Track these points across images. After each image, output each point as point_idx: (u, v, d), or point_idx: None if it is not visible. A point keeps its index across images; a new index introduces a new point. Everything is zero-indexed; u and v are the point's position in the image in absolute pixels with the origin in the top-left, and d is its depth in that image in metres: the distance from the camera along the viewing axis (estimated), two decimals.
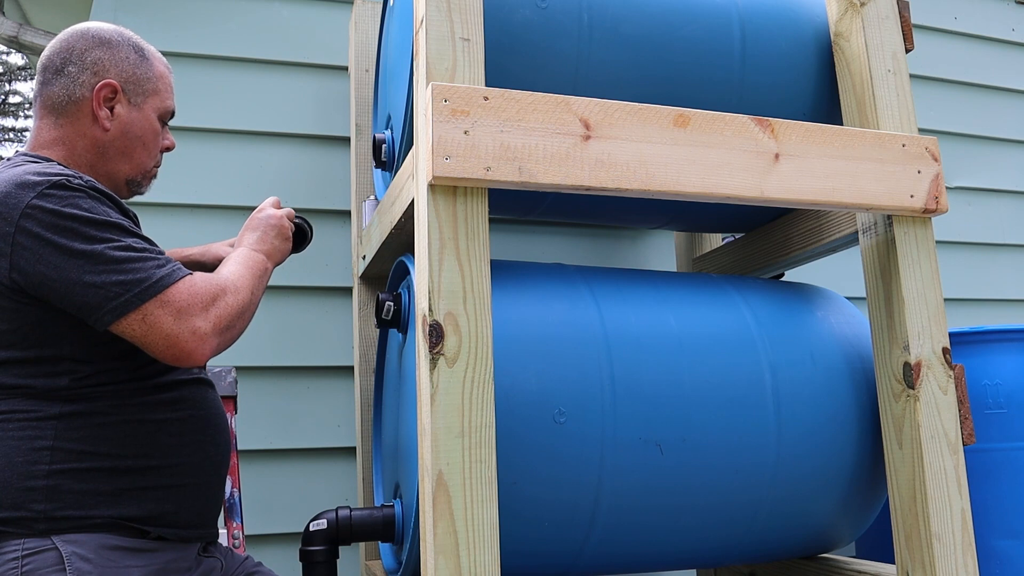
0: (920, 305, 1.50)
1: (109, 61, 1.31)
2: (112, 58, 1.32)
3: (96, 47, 1.31)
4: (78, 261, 1.13)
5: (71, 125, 1.30)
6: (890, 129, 1.58)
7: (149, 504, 1.20)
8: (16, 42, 2.78)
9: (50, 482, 1.14)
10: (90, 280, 1.12)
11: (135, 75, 1.34)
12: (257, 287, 1.31)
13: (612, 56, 1.57)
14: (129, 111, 1.33)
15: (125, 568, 1.15)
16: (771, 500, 1.52)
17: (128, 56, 1.34)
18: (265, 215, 1.46)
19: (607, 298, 1.52)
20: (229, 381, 1.77)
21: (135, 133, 1.34)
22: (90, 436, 1.17)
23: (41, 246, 1.13)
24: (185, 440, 1.27)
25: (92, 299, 1.13)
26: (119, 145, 1.33)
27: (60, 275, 1.12)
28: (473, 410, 1.21)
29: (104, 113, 1.30)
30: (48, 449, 1.15)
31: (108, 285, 1.13)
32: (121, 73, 1.32)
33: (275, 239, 1.44)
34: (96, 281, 1.12)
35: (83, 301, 1.13)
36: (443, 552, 1.15)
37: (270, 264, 1.40)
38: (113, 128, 1.31)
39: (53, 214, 1.13)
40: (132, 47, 1.35)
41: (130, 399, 1.21)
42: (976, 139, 3.08)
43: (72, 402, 1.17)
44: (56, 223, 1.13)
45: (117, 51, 1.33)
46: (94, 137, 1.31)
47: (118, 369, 1.21)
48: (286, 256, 1.47)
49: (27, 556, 1.10)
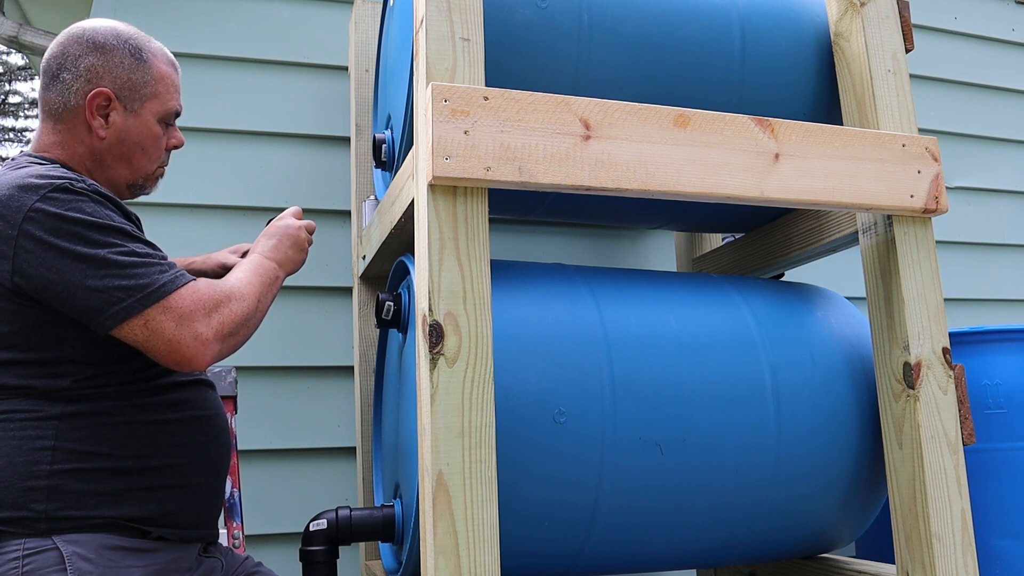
0: (920, 305, 1.50)
1: (103, 68, 1.29)
2: (106, 64, 1.29)
3: (90, 53, 1.28)
4: (80, 265, 1.12)
5: (68, 131, 1.29)
6: (890, 129, 1.58)
7: (150, 505, 1.20)
8: (16, 42, 2.78)
9: (51, 482, 1.14)
10: (92, 284, 1.12)
11: (131, 80, 1.31)
12: (265, 295, 1.31)
13: (612, 56, 1.57)
14: (125, 118, 1.31)
15: (126, 568, 1.15)
16: (771, 500, 1.52)
17: (123, 61, 1.30)
18: (284, 224, 1.46)
19: (607, 298, 1.52)
20: (229, 381, 1.77)
21: (132, 140, 1.32)
22: (91, 436, 1.17)
23: (44, 250, 1.12)
24: (186, 441, 1.27)
25: (94, 303, 1.12)
26: (116, 152, 1.32)
27: (62, 279, 1.12)
28: (473, 410, 1.21)
29: (98, 122, 1.29)
30: (49, 449, 1.15)
31: (110, 290, 1.12)
32: (115, 80, 1.29)
33: (290, 249, 1.43)
34: (98, 285, 1.12)
35: (85, 305, 1.13)
36: (443, 552, 1.15)
37: (281, 273, 1.40)
38: (109, 136, 1.30)
39: (56, 218, 1.13)
40: (129, 50, 1.31)
41: (131, 400, 1.21)
42: (976, 139, 3.08)
43: (74, 402, 1.17)
44: (59, 227, 1.13)
45: (112, 56, 1.30)
46: (90, 144, 1.30)
47: (119, 371, 1.21)
48: (299, 267, 1.46)
49: (28, 556, 1.10)
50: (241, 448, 1.96)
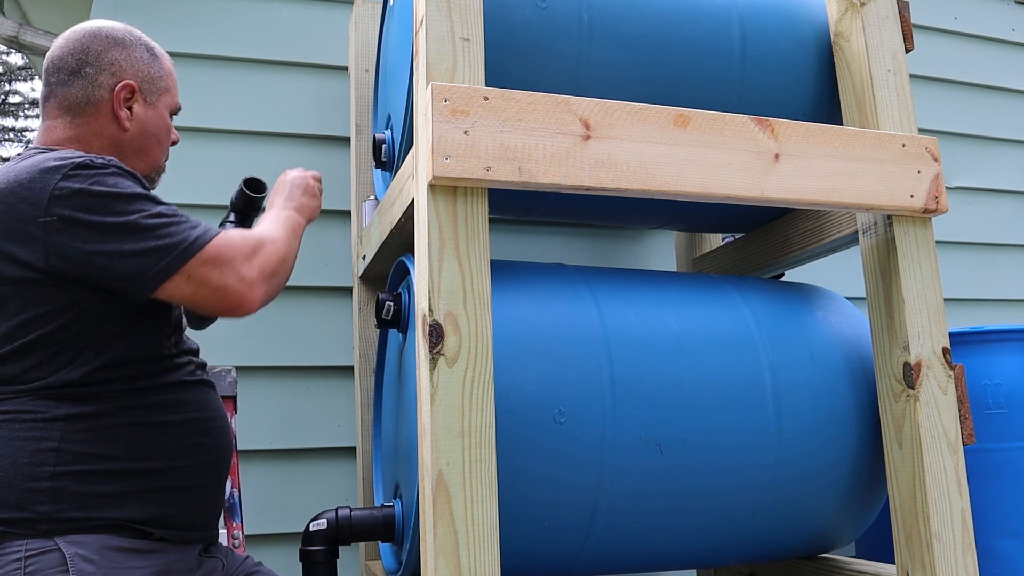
0: (920, 305, 1.50)
1: (126, 62, 1.33)
2: (128, 58, 1.34)
3: (112, 48, 1.33)
4: (114, 234, 1.15)
5: (88, 125, 1.31)
6: (890, 129, 1.58)
7: (151, 507, 1.20)
8: (16, 42, 2.78)
9: (54, 484, 1.14)
10: (129, 249, 1.15)
11: (149, 74, 1.36)
12: (292, 240, 1.36)
13: (612, 56, 1.57)
14: (146, 110, 1.36)
15: (128, 569, 1.15)
16: (771, 500, 1.52)
17: (142, 56, 1.36)
18: (290, 177, 1.53)
19: (607, 298, 1.52)
20: (229, 381, 1.77)
21: (151, 131, 1.37)
22: (95, 439, 1.17)
23: (75, 227, 1.14)
24: (188, 443, 1.27)
25: (135, 267, 1.15)
26: (137, 144, 1.36)
27: (99, 250, 1.14)
28: (473, 410, 1.21)
29: (124, 113, 1.33)
30: (54, 451, 1.15)
31: (148, 251, 1.15)
32: (137, 73, 1.34)
33: (302, 196, 1.49)
34: (136, 249, 1.15)
35: (125, 272, 1.15)
36: (443, 552, 1.15)
37: (301, 219, 1.45)
38: (132, 127, 1.34)
39: (82, 193, 1.15)
40: (144, 46, 1.37)
41: (136, 400, 1.22)
42: (976, 139, 3.08)
43: (80, 403, 1.17)
44: (86, 202, 1.15)
45: (132, 51, 1.35)
46: (112, 136, 1.33)
47: (129, 363, 1.22)
48: (315, 213, 1.51)
49: (30, 557, 1.10)
50: (241, 448, 1.96)
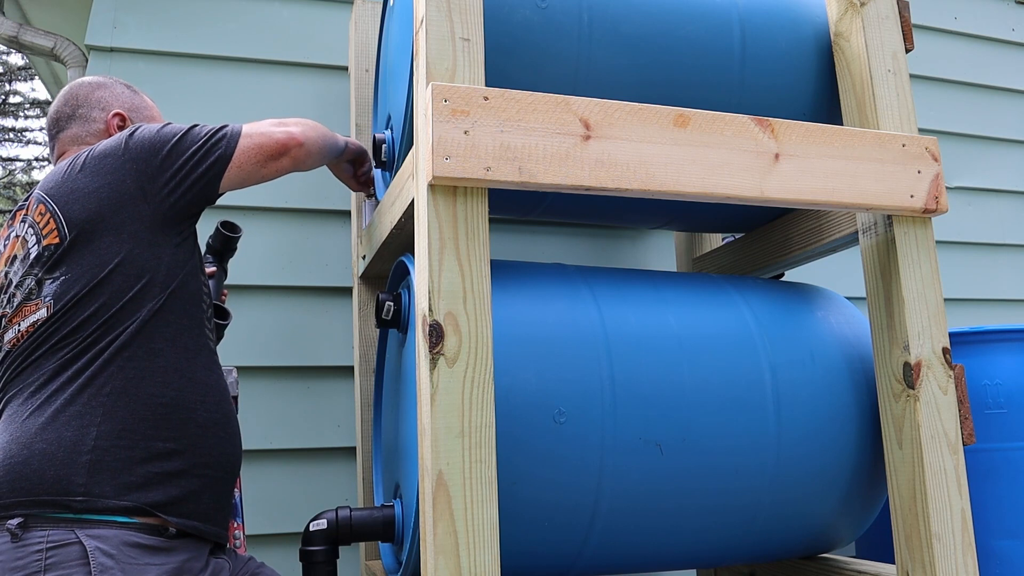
0: (920, 305, 1.50)
1: (111, 96, 1.55)
2: (111, 94, 1.56)
3: (96, 89, 1.55)
4: (184, 137, 1.38)
5: None
6: (890, 129, 1.58)
7: (173, 490, 1.25)
8: (16, 42, 2.77)
9: (93, 457, 1.20)
10: (200, 132, 1.40)
11: (134, 103, 1.58)
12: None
13: (612, 56, 1.57)
14: None
15: (144, 566, 1.18)
16: (771, 500, 1.52)
17: (123, 91, 1.58)
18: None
19: (607, 298, 1.52)
20: (229, 381, 1.77)
21: None
22: (132, 416, 1.25)
23: (153, 156, 1.35)
24: (209, 435, 1.33)
25: (211, 139, 1.39)
26: None
27: (178, 150, 1.36)
28: (473, 410, 1.21)
29: None
30: (95, 426, 1.22)
31: (211, 133, 1.40)
32: (124, 104, 1.56)
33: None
34: (205, 132, 1.40)
35: (205, 147, 1.38)
36: (443, 552, 1.16)
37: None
38: None
39: (148, 131, 1.38)
40: (123, 85, 1.59)
41: (178, 361, 1.32)
42: (976, 139, 3.08)
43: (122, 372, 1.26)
44: (155, 138, 1.37)
45: (113, 89, 1.56)
46: None
47: (180, 306, 1.35)
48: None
49: (51, 549, 1.12)
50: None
